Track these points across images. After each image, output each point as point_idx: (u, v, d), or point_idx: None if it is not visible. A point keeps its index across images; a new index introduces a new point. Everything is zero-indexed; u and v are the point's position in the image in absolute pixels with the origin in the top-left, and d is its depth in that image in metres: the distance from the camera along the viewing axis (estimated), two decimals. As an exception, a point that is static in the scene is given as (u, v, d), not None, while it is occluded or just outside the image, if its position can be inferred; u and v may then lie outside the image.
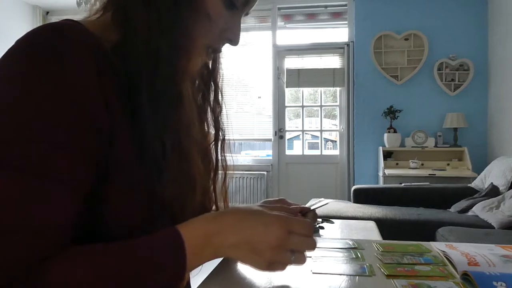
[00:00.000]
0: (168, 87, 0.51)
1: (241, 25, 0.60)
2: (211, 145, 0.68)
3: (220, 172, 0.68)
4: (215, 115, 0.68)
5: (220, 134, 0.68)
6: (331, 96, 4.85)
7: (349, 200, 3.69)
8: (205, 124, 0.68)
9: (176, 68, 0.52)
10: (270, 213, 0.53)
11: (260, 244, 0.50)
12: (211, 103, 0.68)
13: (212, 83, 0.67)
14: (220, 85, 0.68)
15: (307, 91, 4.73)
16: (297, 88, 4.57)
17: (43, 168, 0.42)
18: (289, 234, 0.51)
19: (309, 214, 0.73)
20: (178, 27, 0.51)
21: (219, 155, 0.68)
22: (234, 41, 0.60)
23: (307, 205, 0.78)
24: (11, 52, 0.46)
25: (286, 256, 0.52)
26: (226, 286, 0.56)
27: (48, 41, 0.45)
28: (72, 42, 0.46)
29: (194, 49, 0.55)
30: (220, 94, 0.68)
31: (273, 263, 0.51)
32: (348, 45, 4.34)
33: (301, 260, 0.53)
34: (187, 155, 0.54)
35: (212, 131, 0.68)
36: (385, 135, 4.02)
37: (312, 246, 0.53)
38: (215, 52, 0.62)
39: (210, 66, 0.67)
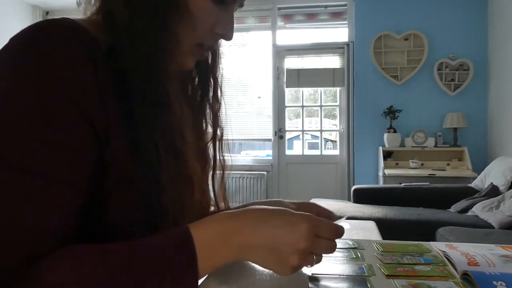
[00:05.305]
0: (153, 88, 0.50)
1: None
2: (209, 144, 0.67)
3: (218, 172, 0.67)
4: (213, 112, 0.66)
5: (219, 131, 0.66)
6: (331, 96, 4.85)
7: (349, 200, 3.69)
8: (204, 121, 0.66)
9: (160, 69, 0.51)
10: (296, 213, 0.48)
11: (286, 246, 0.46)
12: (210, 99, 0.66)
13: (211, 79, 0.66)
14: (219, 81, 0.67)
15: (307, 91, 4.72)
16: (297, 88, 4.56)
17: (38, 166, 0.41)
18: (316, 237, 0.47)
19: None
20: (160, 28, 0.50)
21: (217, 154, 0.66)
22: (227, 36, 0.58)
23: None
24: (6, 49, 0.46)
25: (310, 260, 0.48)
26: (227, 284, 0.56)
27: (43, 37, 0.45)
28: (68, 38, 0.46)
29: (181, 49, 0.54)
30: (219, 91, 0.67)
31: (297, 268, 0.47)
32: (348, 45, 4.34)
33: (319, 261, 0.50)
34: (182, 156, 0.53)
35: (211, 128, 0.67)
36: (385, 135, 4.02)
37: (334, 250, 0.50)
38: (209, 49, 0.61)
39: (210, 61, 0.65)
